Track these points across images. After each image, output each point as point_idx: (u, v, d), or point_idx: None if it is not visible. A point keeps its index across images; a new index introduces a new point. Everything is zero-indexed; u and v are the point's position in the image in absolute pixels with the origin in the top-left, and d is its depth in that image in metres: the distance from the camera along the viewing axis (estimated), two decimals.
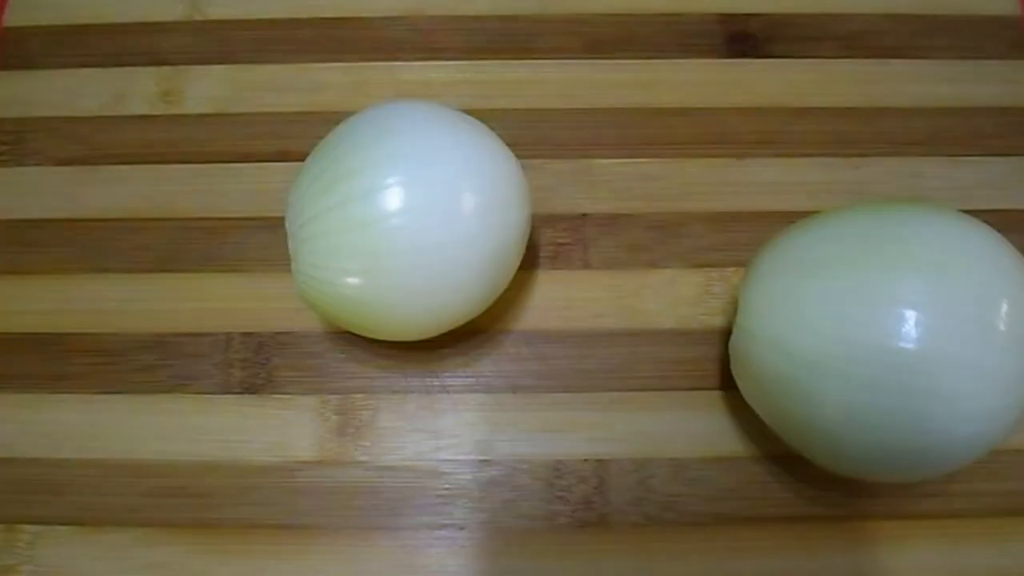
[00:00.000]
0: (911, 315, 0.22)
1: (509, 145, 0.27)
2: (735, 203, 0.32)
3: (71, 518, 0.27)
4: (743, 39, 0.35)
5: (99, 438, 0.29)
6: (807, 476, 0.28)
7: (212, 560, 0.27)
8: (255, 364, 0.30)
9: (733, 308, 0.30)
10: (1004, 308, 0.22)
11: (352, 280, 0.24)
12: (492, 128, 0.27)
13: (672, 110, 0.34)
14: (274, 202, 0.32)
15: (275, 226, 0.31)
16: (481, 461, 0.28)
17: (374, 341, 0.30)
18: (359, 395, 0.29)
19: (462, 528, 0.27)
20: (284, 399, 0.29)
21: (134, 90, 0.34)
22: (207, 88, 0.34)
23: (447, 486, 0.28)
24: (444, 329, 0.27)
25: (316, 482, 0.28)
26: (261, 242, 0.31)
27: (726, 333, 0.30)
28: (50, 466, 0.28)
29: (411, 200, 0.24)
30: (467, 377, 0.29)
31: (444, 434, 0.29)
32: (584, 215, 0.32)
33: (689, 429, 0.29)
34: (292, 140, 0.33)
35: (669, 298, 0.31)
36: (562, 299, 0.31)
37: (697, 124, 0.33)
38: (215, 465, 0.28)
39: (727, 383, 0.29)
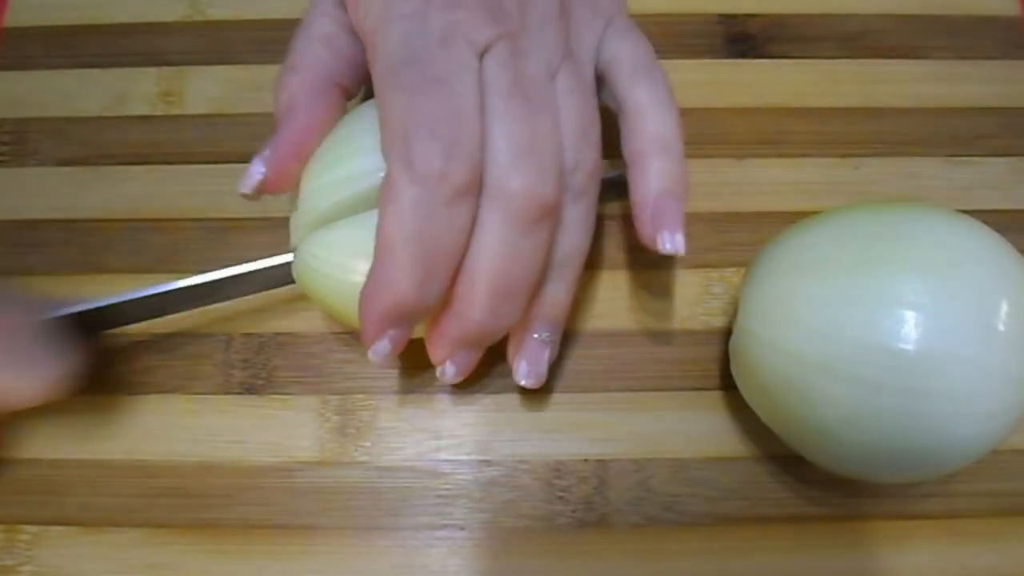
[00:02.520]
0: (911, 316, 0.22)
1: None
2: (735, 203, 0.32)
3: (71, 518, 0.27)
4: (743, 39, 0.35)
5: (99, 438, 0.29)
6: (807, 476, 0.28)
7: (212, 560, 0.27)
8: (255, 364, 0.30)
9: (733, 308, 0.30)
10: (1004, 308, 0.22)
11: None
12: None
13: None
14: (274, 203, 0.32)
15: (276, 227, 0.31)
16: (481, 461, 0.28)
17: None
18: (359, 395, 0.29)
19: (462, 528, 0.27)
20: (284, 399, 0.29)
21: (134, 90, 0.34)
22: (207, 88, 0.34)
23: (447, 486, 0.28)
24: None
25: (316, 482, 0.28)
26: (261, 243, 0.31)
27: (726, 333, 0.30)
28: (50, 466, 0.28)
29: None
30: (467, 377, 0.29)
31: (444, 434, 0.29)
32: None
33: (689, 429, 0.29)
34: None
35: (669, 298, 0.31)
36: None
37: (697, 124, 0.33)
38: (215, 465, 0.28)
39: (727, 383, 0.29)
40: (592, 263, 0.31)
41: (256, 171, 0.25)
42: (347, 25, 0.25)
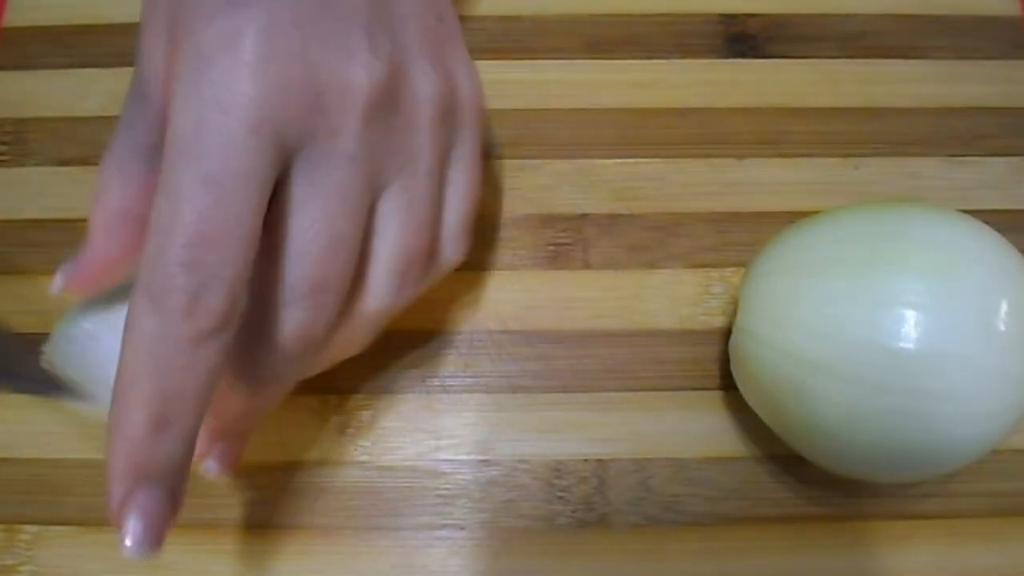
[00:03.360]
0: (911, 315, 0.22)
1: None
2: (735, 203, 0.32)
3: (71, 518, 0.27)
4: (743, 39, 0.35)
5: (99, 438, 0.28)
6: (807, 476, 0.28)
7: (212, 560, 0.27)
8: None
9: (733, 308, 0.30)
10: (1004, 308, 0.22)
11: None
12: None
13: (672, 110, 0.34)
14: None
15: None
16: (481, 461, 0.28)
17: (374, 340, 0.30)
18: (359, 395, 0.29)
19: (462, 528, 0.27)
20: (284, 399, 0.29)
21: None
22: None
23: (447, 486, 0.28)
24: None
25: (316, 482, 0.28)
26: None
27: (726, 333, 0.30)
28: (50, 466, 0.28)
29: None
30: (467, 377, 0.29)
31: (444, 434, 0.29)
32: (584, 215, 0.32)
33: (689, 429, 0.29)
34: None
35: (669, 298, 0.31)
36: (562, 299, 0.31)
37: (697, 124, 0.33)
38: None
39: (727, 383, 0.29)
40: (591, 263, 0.31)
41: (58, 282, 0.24)
42: (145, 150, 0.23)
